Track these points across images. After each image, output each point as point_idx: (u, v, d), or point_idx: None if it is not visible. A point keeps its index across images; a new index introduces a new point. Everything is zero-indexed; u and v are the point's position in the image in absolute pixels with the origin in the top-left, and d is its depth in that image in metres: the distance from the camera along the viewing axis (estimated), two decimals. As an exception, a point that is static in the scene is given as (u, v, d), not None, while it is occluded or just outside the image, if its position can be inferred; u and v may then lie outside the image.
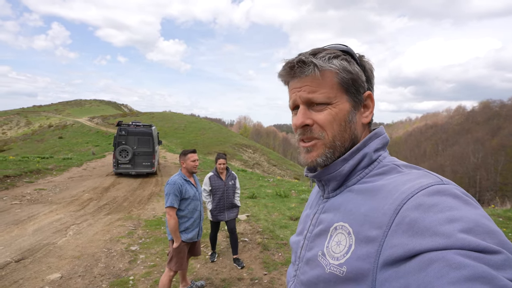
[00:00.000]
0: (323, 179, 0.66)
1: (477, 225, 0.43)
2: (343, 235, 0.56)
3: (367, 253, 0.50)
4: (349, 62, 0.62)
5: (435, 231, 0.43)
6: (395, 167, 0.60)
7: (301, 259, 0.67)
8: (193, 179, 3.19)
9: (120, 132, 11.34)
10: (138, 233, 5.44)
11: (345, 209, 0.59)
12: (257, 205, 7.49)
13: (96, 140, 31.00)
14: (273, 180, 12.39)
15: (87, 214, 6.55)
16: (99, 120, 46.97)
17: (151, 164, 11.54)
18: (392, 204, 0.50)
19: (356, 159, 0.62)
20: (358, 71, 0.63)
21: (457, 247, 0.41)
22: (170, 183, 2.93)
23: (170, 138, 33.74)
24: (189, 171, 3.11)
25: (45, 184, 9.31)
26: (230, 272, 3.93)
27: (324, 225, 0.63)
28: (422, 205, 0.47)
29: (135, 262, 4.20)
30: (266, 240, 4.94)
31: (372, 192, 0.56)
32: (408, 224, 0.46)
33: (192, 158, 3.08)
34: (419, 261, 0.42)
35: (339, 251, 0.55)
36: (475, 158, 68.47)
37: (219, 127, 47.11)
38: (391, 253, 0.46)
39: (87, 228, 5.54)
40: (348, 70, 0.61)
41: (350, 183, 0.63)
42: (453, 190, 0.49)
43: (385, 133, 0.66)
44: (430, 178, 0.52)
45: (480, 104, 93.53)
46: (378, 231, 0.50)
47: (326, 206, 0.65)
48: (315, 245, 0.63)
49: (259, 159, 32.59)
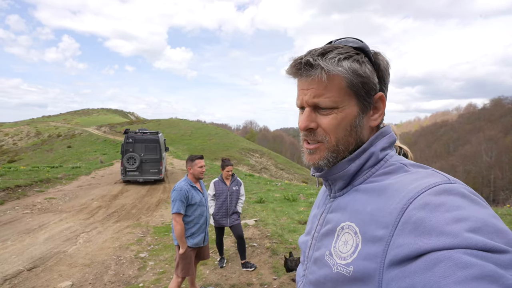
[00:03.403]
0: (329, 179, 0.66)
1: (485, 224, 0.42)
2: (350, 235, 0.56)
3: (374, 253, 0.50)
4: (360, 64, 0.58)
5: (442, 231, 0.42)
6: (402, 166, 0.59)
7: (309, 259, 0.67)
8: (199, 185, 3.18)
9: (127, 139, 11.44)
10: (147, 240, 5.45)
11: (352, 208, 0.59)
12: (266, 210, 7.45)
13: (104, 148, 31.41)
14: (281, 184, 12.32)
15: (96, 222, 6.60)
16: (107, 129, 47.67)
17: (158, 171, 11.60)
18: (399, 204, 0.50)
19: (363, 159, 0.61)
20: (369, 72, 0.59)
21: (464, 246, 0.40)
22: (177, 189, 2.93)
23: (177, 144, 33.98)
24: (196, 177, 3.11)
25: (55, 193, 9.44)
26: (240, 278, 3.89)
27: (331, 225, 0.63)
28: (428, 204, 0.46)
29: (144, 269, 4.20)
30: (275, 245, 4.89)
31: (378, 191, 0.56)
32: (414, 224, 0.46)
33: (199, 164, 3.08)
34: (426, 261, 0.42)
35: (346, 251, 0.55)
36: (488, 157, 67.05)
37: (226, 132, 47.32)
38: (397, 252, 0.46)
39: (96, 236, 5.58)
40: (358, 74, 0.58)
41: (357, 183, 0.62)
42: (461, 189, 0.48)
43: (391, 132, 0.65)
44: (437, 177, 0.51)
45: (491, 102, 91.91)
46: (384, 231, 0.49)
47: (333, 206, 0.65)
48: (322, 245, 0.63)
49: (267, 163, 32.53)
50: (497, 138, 71.28)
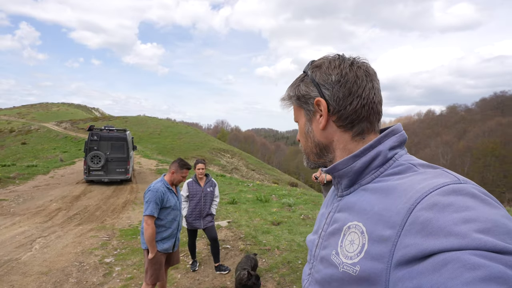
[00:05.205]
0: (335, 175, 0.67)
1: (495, 225, 0.42)
2: (357, 234, 0.56)
3: (381, 253, 0.49)
4: (306, 84, 0.69)
5: (450, 231, 0.42)
6: (411, 166, 0.58)
7: (316, 258, 0.67)
8: (175, 188, 3.05)
9: (91, 137, 10.77)
10: (112, 244, 5.13)
11: (359, 208, 0.59)
12: (238, 211, 7.38)
13: (64, 146, 29.35)
14: (252, 185, 12.30)
15: (55, 225, 6.10)
16: (68, 125, 44.56)
17: (125, 171, 11.05)
18: (406, 204, 0.49)
19: (369, 156, 0.61)
20: (306, 88, 0.68)
21: (473, 247, 0.39)
22: (152, 190, 2.77)
23: (145, 143, 32.67)
24: (173, 182, 2.97)
25: (6, 194, 8.61)
26: (213, 281, 3.79)
27: (338, 224, 0.63)
28: (436, 204, 0.45)
29: (110, 275, 3.94)
30: (249, 246, 4.84)
31: (386, 191, 0.55)
32: (421, 224, 0.45)
33: (185, 174, 2.96)
34: (433, 262, 0.41)
35: (353, 250, 0.55)
36: (445, 160, 72.44)
37: (196, 131, 46.38)
38: (405, 253, 0.45)
39: (55, 241, 5.15)
40: (297, 94, 0.70)
41: (364, 182, 0.62)
42: (470, 189, 0.47)
43: (402, 131, 0.64)
44: (446, 177, 0.51)
45: (447, 109, 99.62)
46: (391, 231, 0.49)
47: (341, 205, 0.65)
48: (329, 244, 0.63)
49: (238, 164, 32.39)
50: (452, 143, 77.37)
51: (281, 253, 4.49)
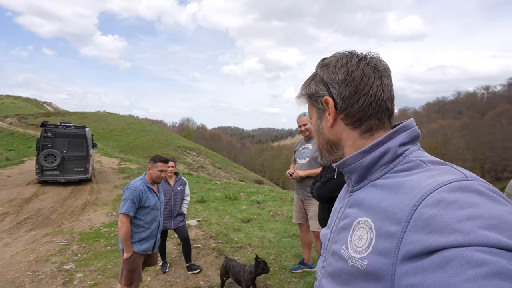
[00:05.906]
0: (345, 170, 0.68)
1: (501, 222, 0.41)
2: (365, 230, 0.57)
3: (387, 248, 0.50)
4: (316, 82, 0.71)
5: (453, 228, 0.42)
6: (420, 163, 0.59)
7: (328, 251, 0.69)
8: (156, 187, 2.92)
9: (45, 133, 9.85)
10: (72, 249, 4.75)
11: (368, 204, 0.60)
12: (208, 209, 7.26)
13: (10, 143, 26.56)
14: (220, 183, 12.18)
15: (2, 232, 5.50)
16: (14, 120, 40.32)
17: (84, 170, 10.29)
18: (411, 200, 0.49)
19: (378, 152, 0.62)
20: (316, 86, 0.70)
21: (476, 244, 0.39)
22: (131, 188, 2.66)
23: (105, 140, 30.72)
24: (154, 180, 2.85)
25: None
26: (186, 282, 3.68)
27: (348, 219, 0.64)
28: (442, 201, 0.46)
29: (71, 283, 3.65)
30: (220, 245, 4.79)
31: (394, 187, 0.56)
32: (425, 221, 0.45)
33: (161, 167, 2.82)
34: (437, 259, 0.41)
35: (361, 245, 0.56)
36: (399, 160, 80.00)
37: (161, 129, 44.69)
38: (410, 249, 0.46)
39: (2, 250, 4.64)
40: (308, 92, 0.73)
41: (374, 177, 0.63)
42: (477, 186, 0.47)
43: (415, 126, 0.65)
44: (453, 174, 0.51)
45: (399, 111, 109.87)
46: (397, 227, 0.49)
47: (351, 201, 0.66)
48: (339, 238, 0.65)
49: (204, 162, 31.84)
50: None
51: (253, 250, 4.51)
